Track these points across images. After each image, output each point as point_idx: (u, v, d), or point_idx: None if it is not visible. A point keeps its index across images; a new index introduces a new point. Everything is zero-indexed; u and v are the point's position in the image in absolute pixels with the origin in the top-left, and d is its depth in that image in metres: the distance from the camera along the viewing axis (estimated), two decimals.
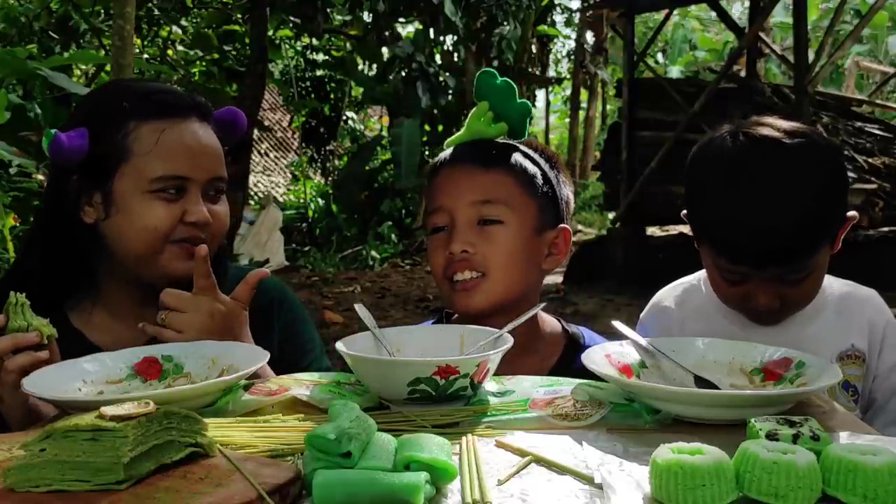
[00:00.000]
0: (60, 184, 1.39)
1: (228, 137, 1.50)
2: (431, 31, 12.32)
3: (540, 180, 1.47)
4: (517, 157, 1.47)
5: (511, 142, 1.51)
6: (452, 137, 1.53)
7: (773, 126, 1.37)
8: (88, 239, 1.39)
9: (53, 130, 1.33)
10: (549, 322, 1.55)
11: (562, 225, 1.50)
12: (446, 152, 1.52)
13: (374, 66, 13.73)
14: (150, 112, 1.38)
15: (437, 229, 1.45)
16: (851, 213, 1.40)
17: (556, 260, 1.50)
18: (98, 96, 1.50)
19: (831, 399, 1.41)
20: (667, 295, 1.62)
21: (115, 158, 1.36)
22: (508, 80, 1.47)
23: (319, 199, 14.07)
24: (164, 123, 1.37)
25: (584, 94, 20.02)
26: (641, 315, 1.65)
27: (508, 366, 1.19)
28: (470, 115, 1.50)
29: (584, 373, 1.13)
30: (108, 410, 0.80)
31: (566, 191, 1.54)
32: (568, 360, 1.45)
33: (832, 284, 1.52)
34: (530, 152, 1.50)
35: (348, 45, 13.58)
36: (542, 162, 1.50)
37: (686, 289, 1.61)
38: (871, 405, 1.48)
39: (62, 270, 1.40)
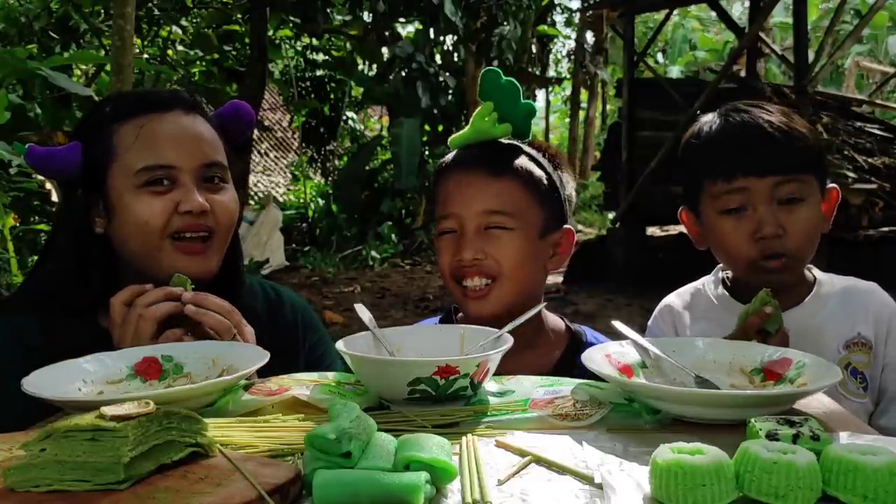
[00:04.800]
0: (70, 201, 1.42)
1: (238, 132, 1.51)
2: (431, 31, 12.31)
3: (545, 184, 1.49)
4: (524, 163, 1.48)
5: (516, 142, 1.52)
6: (457, 136, 1.53)
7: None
8: (103, 248, 1.41)
9: (26, 145, 1.39)
10: (552, 319, 1.58)
11: (566, 226, 1.53)
12: (453, 155, 1.53)
13: (374, 66, 13.72)
14: (130, 111, 1.40)
15: (445, 232, 1.48)
16: (833, 185, 1.53)
17: (560, 259, 1.53)
18: (90, 111, 1.54)
19: (840, 386, 1.44)
20: (674, 299, 1.69)
21: (105, 162, 1.38)
22: (513, 79, 1.47)
23: (319, 199, 14.06)
24: (143, 119, 1.39)
25: (584, 94, 20.02)
26: (650, 321, 1.71)
27: (511, 361, 1.19)
28: (474, 114, 1.50)
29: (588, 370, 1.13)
30: (108, 410, 0.80)
31: (569, 189, 1.56)
32: (570, 358, 1.47)
33: (833, 280, 1.59)
34: (535, 154, 1.52)
35: (348, 45, 13.58)
36: (546, 164, 1.52)
37: (692, 292, 1.68)
38: (883, 396, 1.51)
39: (87, 282, 1.40)
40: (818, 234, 1.50)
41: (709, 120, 1.55)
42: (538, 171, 1.49)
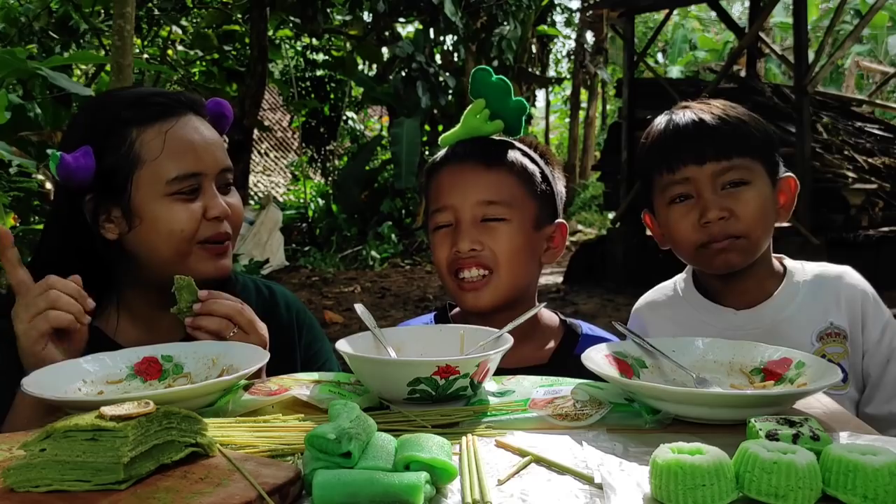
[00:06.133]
0: (74, 205, 1.37)
1: (221, 132, 1.50)
2: (431, 31, 12.32)
3: (538, 178, 1.50)
4: (517, 156, 1.49)
5: (508, 139, 1.53)
6: (448, 134, 1.53)
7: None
8: (112, 254, 1.38)
9: (59, 153, 1.31)
10: (546, 314, 1.59)
11: (558, 220, 1.55)
12: (445, 150, 1.53)
13: (374, 66, 13.74)
14: (150, 116, 1.37)
15: (441, 226, 1.48)
16: (789, 174, 1.54)
17: (555, 253, 1.54)
18: (92, 112, 1.46)
19: None
20: (644, 301, 1.72)
21: (126, 169, 1.35)
22: (504, 77, 1.48)
23: (319, 199, 14.07)
24: (165, 124, 1.37)
25: (584, 94, 20.03)
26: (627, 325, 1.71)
27: (508, 353, 1.19)
28: (466, 112, 1.50)
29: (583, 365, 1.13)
30: (108, 410, 0.80)
31: (560, 186, 1.58)
32: (567, 349, 1.49)
33: (804, 267, 1.58)
34: (527, 150, 1.53)
35: (348, 45, 13.59)
36: (538, 159, 1.53)
37: (664, 288, 1.71)
38: (867, 382, 1.50)
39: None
40: (770, 218, 1.50)
41: (658, 121, 1.58)
42: (531, 165, 1.50)
